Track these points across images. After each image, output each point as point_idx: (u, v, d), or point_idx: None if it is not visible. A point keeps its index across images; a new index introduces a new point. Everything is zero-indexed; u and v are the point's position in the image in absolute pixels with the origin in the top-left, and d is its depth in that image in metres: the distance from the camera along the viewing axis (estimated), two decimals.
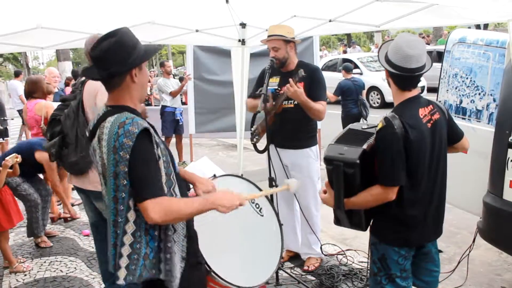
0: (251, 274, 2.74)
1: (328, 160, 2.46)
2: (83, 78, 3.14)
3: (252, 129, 4.08)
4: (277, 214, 3.08)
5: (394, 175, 2.36)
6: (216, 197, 2.14)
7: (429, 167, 2.46)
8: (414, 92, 2.49)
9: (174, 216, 1.98)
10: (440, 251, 2.80)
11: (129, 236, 2.01)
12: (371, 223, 2.62)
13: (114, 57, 2.00)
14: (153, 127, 2.11)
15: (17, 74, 13.14)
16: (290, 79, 3.63)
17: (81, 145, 3.13)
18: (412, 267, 2.61)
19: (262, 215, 2.96)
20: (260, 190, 3.00)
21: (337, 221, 2.64)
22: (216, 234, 2.51)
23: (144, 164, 1.95)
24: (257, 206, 2.95)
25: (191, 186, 2.57)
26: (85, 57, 3.30)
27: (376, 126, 2.50)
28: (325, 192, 2.61)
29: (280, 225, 3.10)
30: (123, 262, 2.02)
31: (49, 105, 5.52)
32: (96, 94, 3.04)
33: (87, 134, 2.18)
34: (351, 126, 2.69)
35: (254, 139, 4.10)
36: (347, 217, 2.53)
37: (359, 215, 2.55)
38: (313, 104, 3.75)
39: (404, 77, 2.42)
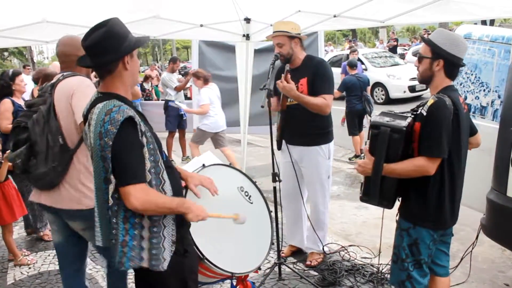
0: (243, 260, 2.78)
1: (375, 125, 2.58)
2: (53, 81, 2.97)
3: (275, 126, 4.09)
4: (265, 201, 3.12)
5: (441, 146, 2.46)
6: (191, 204, 2.21)
7: (465, 149, 2.66)
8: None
9: (153, 206, 2.04)
10: (452, 234, 2.91)
11: (110, 220, 2.08)
12: (404, 208, 2.71)
13: (107, 45, 2.07)
14: (143, 116, 2.20)
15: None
16: (282, 75, 3.63)
17: (53, 153, 2.75)
18: None
19: (252, 203, 3.00)
20: (250, 179, 3.08)
21: (365, 196, 2.72)
22: (207, 222, 2.54)
23: (128, 150, 2.01)
24: (246, 194, 2.99)
25: None
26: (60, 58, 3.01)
27: (406, 112, 2.68)
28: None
29: (269, 212, 3.14)
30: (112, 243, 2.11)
31: None
32: (72, 94, 2.75)
33: (82, 119, 2.24)
34: (382, 111, 2.78)
35: (276, 136, 4.08)
36: (379, 188, 2.59)
37: (392, 188, 2.62)
38: (308, 99, 3.71)
39: (459, 67, 2.64)
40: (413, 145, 2.58)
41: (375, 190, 2.60)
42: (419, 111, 2.59)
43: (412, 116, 2.61)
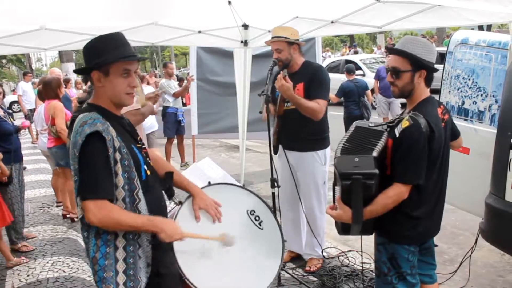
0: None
1: (345, 175, 2.36)
2: None
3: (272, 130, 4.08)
4: (280, 229, 2.85)
5: (418, 173, 2.39)
6: (161, 223, 2.12)
7: (440, 164, 2.53)
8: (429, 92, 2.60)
9: (113, 223, 2.00)
10: (436, 245, 2.84)
11: (80, 232, 2.09)
12: (378, 224, 2.60)
13: (85, 55, 2.12)
14: (129, 130, 2.19)
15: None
16: (281, 72, 3.64)
17: None
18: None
19: (262, 229, 2.76)
20: (258, 197, 2.86)
21: (345, 232, 2.59)
22: (207, 244, 2.42)
23: (90, 164, 1.99)
24: (257, 218, 2.75)
25: (183, 193, 2.55)
26: None
27: (383, 125, 2.56)
28: (332, 208, 2.55)
29: (283, 241, 2.85)
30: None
31: (57, 105, 5.59)
32: None
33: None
34: (357, 124, 2.67)
35: (272, 141, 4.07)
36: (361, 229, 2.48)
37: (370, 221, 2.50)
38: (303, 101, 3.71)
39: (434, 73, 2.55)
40: (386, 161, 2.48)
41: (356, 231, 2.49)
42: (394, 127, 2.48)
43: (387, 129, 2.51)
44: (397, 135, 2.42)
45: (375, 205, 2.39)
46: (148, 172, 2.22)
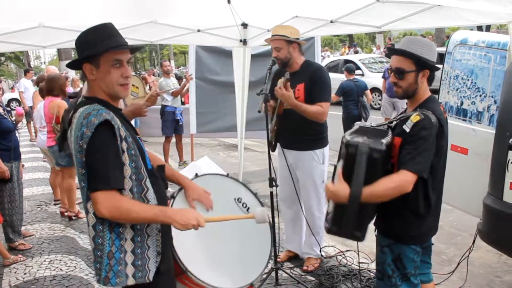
0: (235, 275, 2.64)
1: (352, 144, 2.32)
2: None
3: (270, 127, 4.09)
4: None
5: (425, 165, 2.36)
6: (174, 212, 2.10)
7: (443, 161, 2.56)
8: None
9: (123, 215, 1.96)
10: (432, 244, 2.83)
11: (91, 228, 2.02)
12: (383, 224, 2.61)
13: (77, 49, 2.11)
14: (128, 122, 2.17)
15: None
16: (279, 81, 3.62)
17: None
18: None
19: None
20: (248, 189, 2.94)
21: (335, 227, 2.47)
22: (200, 234, 2.39)
23: (100, 154, 1.94)
24: (244, 205, 2.85)
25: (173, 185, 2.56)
26: None
27: (384, 125, 2.59)
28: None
29: (271, 226, 2.97)
30: (92, 257, 2.05)
31: (62, 104, 5.57)
32: None
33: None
34: (359, 124, 2.67)
35: (269, 138, 4.09)
36: (355, 219, 2.36)
37: (369, 217, 2.45)
38: (306, 107, 3.71)
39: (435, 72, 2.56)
40: (392, 160, 2.46)
41: (350, 220, 2.34)
42: (400, 125, 2.48)
43: (389, 128, 2.52)
44: (408, 130, 2.40)
45: (377, 186, 2.29)
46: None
